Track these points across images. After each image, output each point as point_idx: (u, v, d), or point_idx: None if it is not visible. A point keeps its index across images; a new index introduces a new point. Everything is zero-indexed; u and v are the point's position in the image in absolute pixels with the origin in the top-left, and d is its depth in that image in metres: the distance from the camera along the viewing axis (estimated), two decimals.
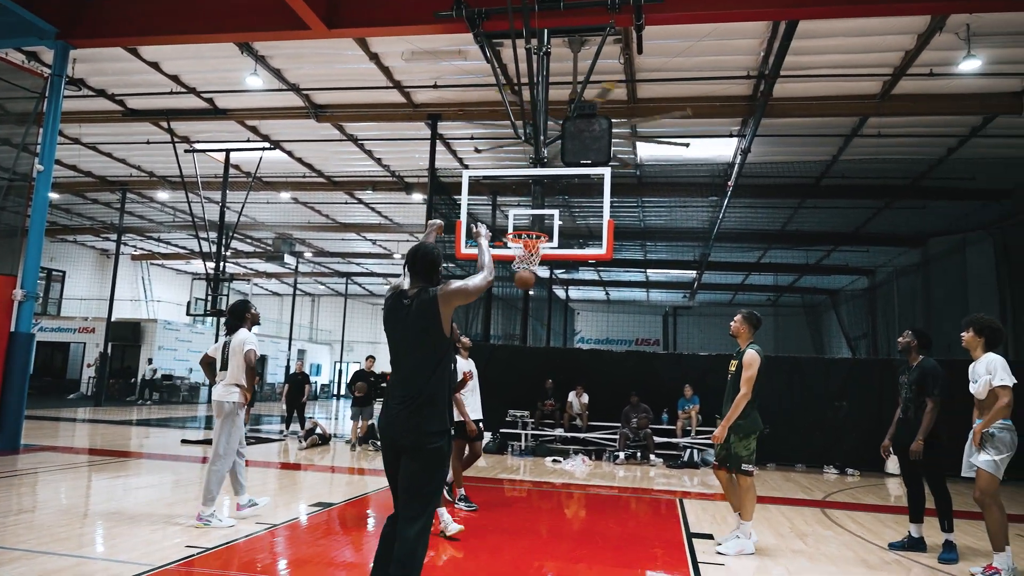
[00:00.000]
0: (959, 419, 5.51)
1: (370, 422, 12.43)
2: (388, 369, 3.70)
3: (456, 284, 3.36)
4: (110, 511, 6.31)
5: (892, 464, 11.72)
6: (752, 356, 5.53)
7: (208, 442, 12.11)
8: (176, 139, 14.84)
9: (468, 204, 8.11)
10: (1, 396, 9.65)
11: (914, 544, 5.89)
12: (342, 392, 38.18)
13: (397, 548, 3.14)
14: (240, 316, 6.01)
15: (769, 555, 5.56)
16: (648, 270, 25.15)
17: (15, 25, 10.10)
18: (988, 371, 5.05)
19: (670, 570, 5.00)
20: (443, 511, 5.46)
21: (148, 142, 15.55)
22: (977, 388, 5.14)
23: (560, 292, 28.94)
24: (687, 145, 11.92)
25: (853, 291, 24.02)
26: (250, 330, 6.07)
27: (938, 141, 12.97)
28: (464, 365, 6.72)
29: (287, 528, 5.80)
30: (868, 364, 14.64)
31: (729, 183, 13.87)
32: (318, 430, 12.21)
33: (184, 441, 12.00)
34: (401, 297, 3.41)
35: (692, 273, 23.73)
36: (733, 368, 5.62)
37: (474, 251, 9.43)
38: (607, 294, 32.04)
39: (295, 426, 13.21)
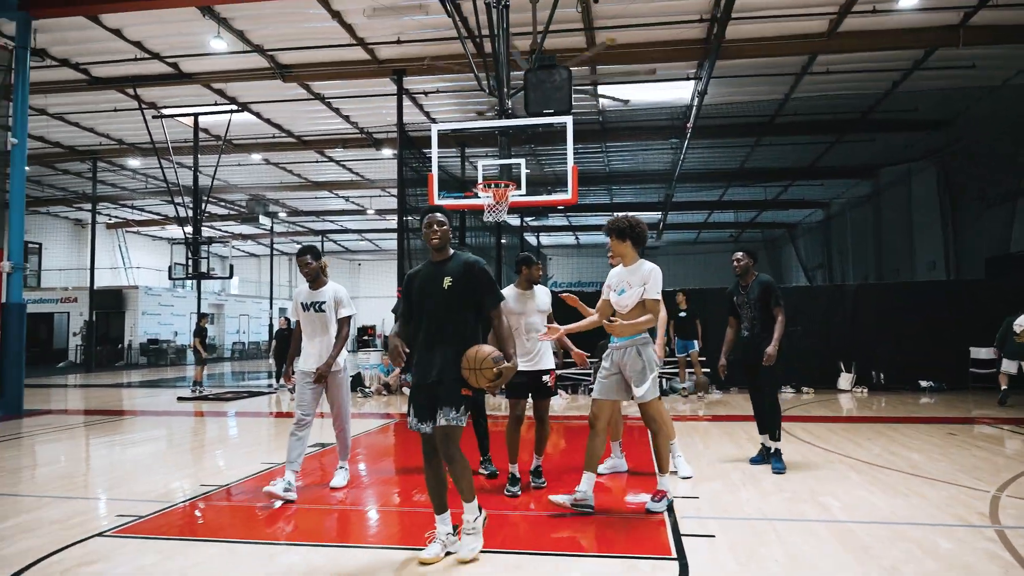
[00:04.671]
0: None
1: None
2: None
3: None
4: (109, 465, 6.90)
5: (844, 381, 12.74)
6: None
7: (203, 398, 12.68)
8: (143, 105, 14.89)
9: (438, 157, 8.58)
10: (1, 365, 10.07)
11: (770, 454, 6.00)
12: None
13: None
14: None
15: (729, 461, 6.37)
16: (615, 213, 25.64)
17: None
18: (643, 280, 4.50)
19: (641, 476, 5.73)
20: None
21: (115, 110, 15.58)
22: (627, 298, 4.55)
23: (532, 239, 29.49)
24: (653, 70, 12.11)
25: (809, 224, 24.96)
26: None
27: (883, 75, 13.59)
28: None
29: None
30: (818, 291, 15.56)
31: (688, 125, 14.40)
32: None
33: (180, 399, 12.56)
34: None
35: (657, 214, 24.38)
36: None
37: (448, 201, 10.00)
38: (577, 238, 32.66)
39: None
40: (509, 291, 5.21)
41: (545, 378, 5.20)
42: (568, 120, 8.09)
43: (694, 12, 11.42)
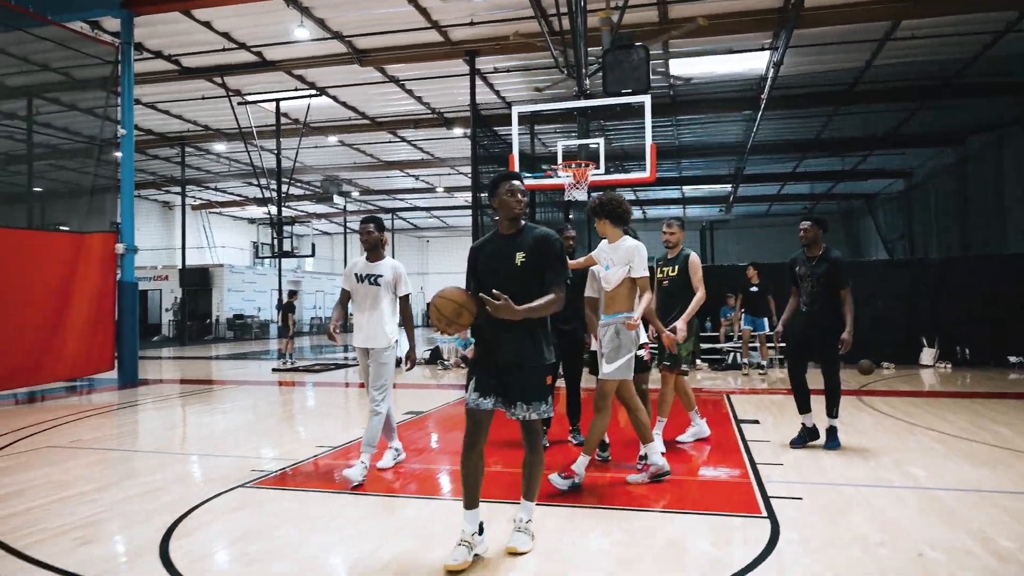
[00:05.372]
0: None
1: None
2: None
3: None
4: (229, 427, 7.55)
5: (926, 356, 12.48)
6: (697, 259, 5.57)
7: (295, 369, 13.48)
8: (229, 93, 15.67)
9: (508, 134, 8.79)
10: (118, 338, 10.99)
11: (812, 434, 5.71)
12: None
13: None
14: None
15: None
16: (684, 186, 25.50)
17: None
18: (628, 259, 4.45)
19: (724, 444, 5.97)
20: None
21: (203, 97, 16.43)
22: (612, 275, 4.53)
23: None
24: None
25: (889, 194, 24.09)
26: None
27: (973, 39, 13.01)
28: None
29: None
30: (899, 264, 15.17)
31: (762, 96, 14.15)
32: None
33: (274, 370, 13.42)
34: None
35: (728, 187, 24.01)
36: (674, 273, 5.57)
37: (528, 181, 10.24)
38: (644, 213, 32.47)
39: None
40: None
41: (641, 352, 5.01)
42: (647, 99, 8.20)
43: None
